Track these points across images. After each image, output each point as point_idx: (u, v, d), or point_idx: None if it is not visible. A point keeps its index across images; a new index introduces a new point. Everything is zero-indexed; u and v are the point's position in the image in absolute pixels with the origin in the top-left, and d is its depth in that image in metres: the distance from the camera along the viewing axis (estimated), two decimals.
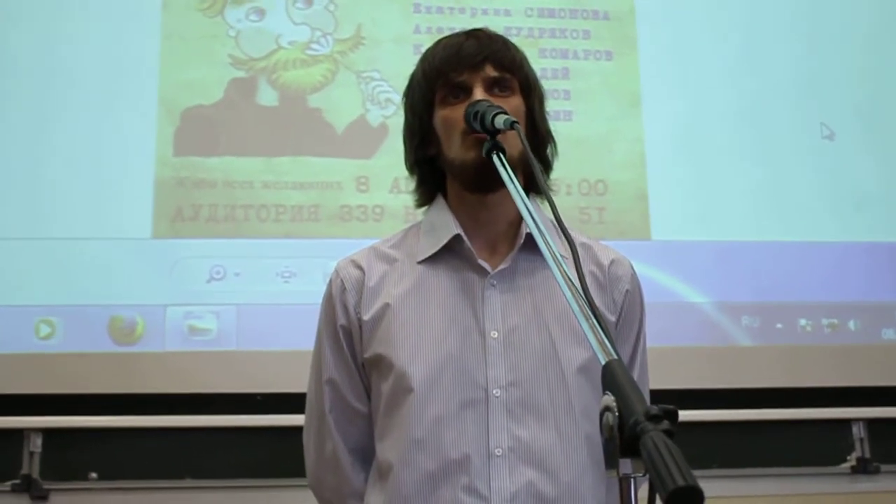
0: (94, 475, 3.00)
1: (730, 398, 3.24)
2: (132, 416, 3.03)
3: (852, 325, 3.38)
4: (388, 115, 3.31)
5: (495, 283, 1.66)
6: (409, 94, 1.79)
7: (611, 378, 1.00)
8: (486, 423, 1.58)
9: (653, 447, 0.86)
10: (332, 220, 3.22)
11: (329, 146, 3.29)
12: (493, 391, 1.59)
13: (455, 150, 1.66)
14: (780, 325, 3.34)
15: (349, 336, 1.71)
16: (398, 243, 1.78)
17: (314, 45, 3.38)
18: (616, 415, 0.96)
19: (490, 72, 1.68)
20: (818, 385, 3.30)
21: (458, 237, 1.68)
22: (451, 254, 1.70)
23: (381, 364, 1.66)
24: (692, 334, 3.28)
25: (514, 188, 1.47)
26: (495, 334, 1.62)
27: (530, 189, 1.71)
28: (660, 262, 3.30)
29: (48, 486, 2.99)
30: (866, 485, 3.29)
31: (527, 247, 1.66)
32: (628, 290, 1.75)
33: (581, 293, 1.19)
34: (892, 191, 3.52)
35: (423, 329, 1.64)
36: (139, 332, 3.08)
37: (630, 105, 3.46)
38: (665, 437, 0.87)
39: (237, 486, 3.05)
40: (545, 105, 1.80)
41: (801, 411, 3.27)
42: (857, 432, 3.32)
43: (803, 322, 3.36)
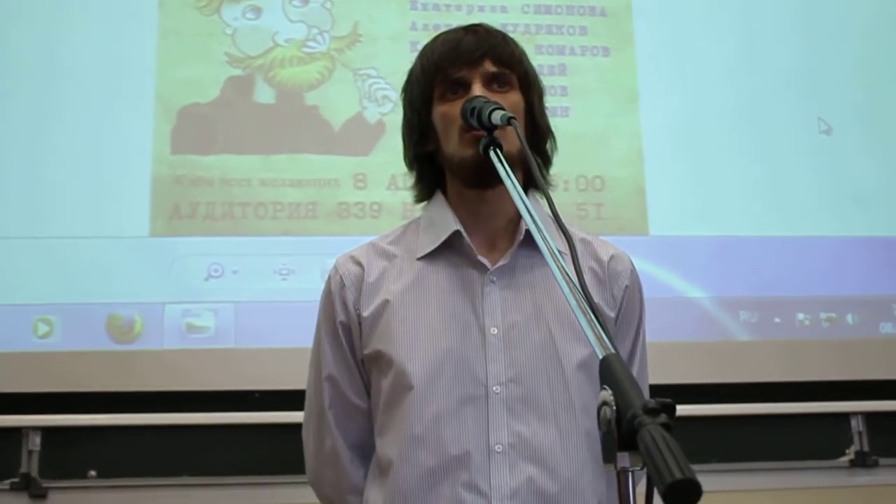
0: (93, 473, 3.00)
1: (728, 393, 3.24)
2: (131, 413, 3.02)
3: (850, 319, 3.38)
4: (385, 113, 3.30)
5: (495, 279, 1.66)
6: (407, 89, 1.78)
7: (608, 372, 1.01)
8: (486, 420, 1.58)
9: (650, 441, 0.86)
10: (329, 217, 3.22)
11: (326, 143, 3.29)
12: (493, 387, 1.59)
13: (453, 147, 1.66)
14: (778, 320, 3.34)
15: (348, 332, 1.71)
16: (397, 239, 1.78)
17: (311, 43, 3.37)
18: (614, 409, 0.96)
19: (489, 67, 1.68)
20: (816, 379, 3.30)
21: (457, 233, 1.68)
22: (450, 250, 1.70)
23: (380, 360, 1.66)
24: (690, 329, 3.28)
25: (512, 185, 1.47)
26: (495, 331, 1.62)
27: (529, 185, 1.71)
28: (658, 257, 3.30)
29: (47, 484, 2.98)
30: (865, 478, 3.29)
31: (526, 243, 1.66)
32: (628, 286, 1.75)
33: (579, 289, 1.19)
34: (890, 185, 3.52)
35: (422, 325, 1.64)
36: (137, 331, 3.08)
37: (627, 101, 3.46)
38: (663, 431, 0.87)
39: (236, 483, 3.04)
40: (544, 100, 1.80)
41: (800, 405, 3.27)
42: (856, 426, 3.32)
43: (801, 316, 3.36)
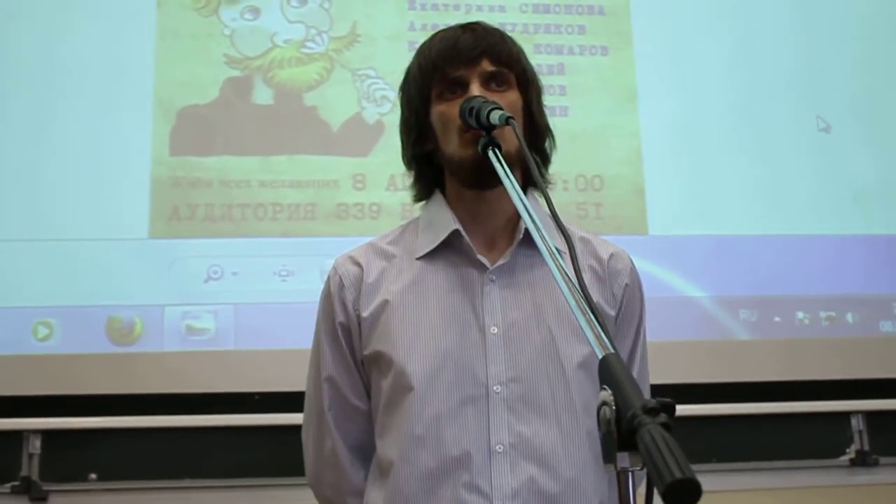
0: (94, 476, 3.00)
1: (728, 392, 3.24)
2: (131, 416, 3.02)
3: (850, 317, 3.38)
4: (384, 113, 3.30)
5: (494, 278, 1.65)
6: (405, 88, 1.78)
7: (608, 372, 1.00)
8: (486, 420, 1.57)
9: (650, 440, 0.85)
10: (329, 218, 3.22)
11: (325, 144, 3.29)
12: (494, 387, 1.58)
13: (452, 147, 1.65)
14: (777, 319, 3.34)
15: (348, 333, 1.71)
16: (396, 239, 1.77)
17: (309, 44, 3.37)
18: (613, 409, 0.95)
19: (487, 66, 1.67)
20: (816, 378, 3.30)
21: (456, 233, 1.67)
22: (449, 249, 1.69)
23: (380, 361, 1.66)
24: (690, 328, 3.28)
25: (511, 184, 1.46)
26: (495, 330, 1.62)
27: (528, 184, 1.71)
28: (657, 256, 3.30)
29: (48, 487, 2.98)
30: (865, 477, 3.29)
31: (526, 242, 1.65)
32: (627, 285, 1.75)
33: (578, 288, 1.18)
34: (889, 183, 3.52)
35: (422, 325, 1.63)
36: (137, 333, 3.08)
37: (626, 100, 3.46)
38: (662, 431, 0.87)
39: (237, 485, 3.04)
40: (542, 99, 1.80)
41: (800, 404, 3.27)
42: (856, 425, 3.32)
43: (801, 315, 3.36)
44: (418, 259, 1.70)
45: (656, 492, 0.83)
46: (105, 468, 3.01)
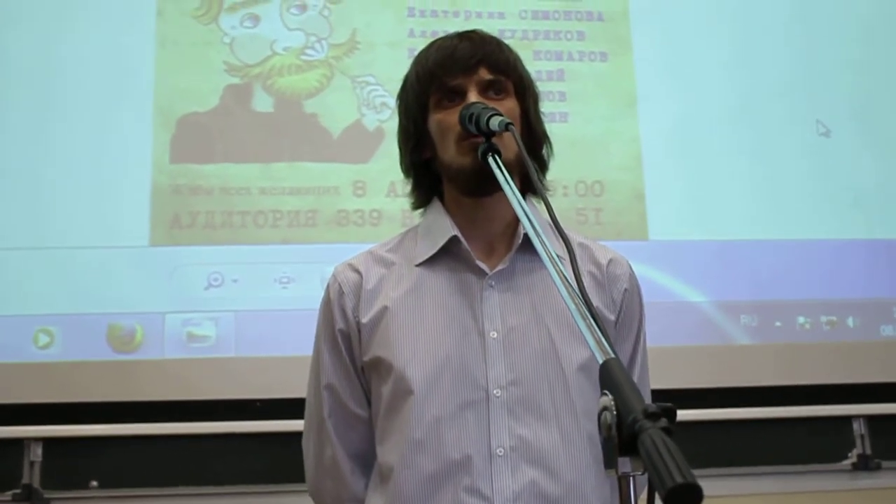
0: (95, 483, 3.00)
1: (730, 397, 3.24)
2: (132, 423, 3.03)
3: (851, 322, 3.38)
4: (384, 120, 3.31)
5: (494, 283, 1.65)
6: (402, 96, 1.78)
7: (608, 377, 1.00)
8: (487, 424, 1.57)
9: (651, 445, 0.86)
10: (329, 225, 3.23)
11: (325, 151, 3.29)
12: (494, 391, 1.58)
13: (451, 155, 1.65)
14: (778, 323, 3.34)
15: (348, 340, 1.71)
16: (395, 247, 1.78)
17: (309, 51, 3.38)
18: (614, 413, 0.95)
19: (484, 74, 1.67)
20: (818, 382, 3.31)
21: (455, 239, 1.67)
22: (448, 256, 1.69)
23: (380, 367, 1.66)
24: (691, 334, 3.28)
25: (511, 190, 1.46)
26: (494, 334, 1.62)
27: (527, 190, 1.71)
28: (658, 262, 3.30)
29: (49, 495, 2.98)
30: (867, 481, 3.29)
31: (525, 247, 1.66)
32: (627, 290, 1.75)
33: (578, 293, 1.18)
34: (889, 187, 3.53)
35: (421, 331, 1.63)
36: (138, 340, 3.08)
37: (626, 105, 3.46)
38: (663, 435, 0.87)
39: (238, 492, 3.04)
40: (540, 106, 1.80)
41: (801, 409, 3.27)
42: (858, 429, 3.32)
43: (802, 320, 3.36)
44: (417, 266, 1.70)
45: (658, 496, 0.83)
46: (106, 475, 3.01)
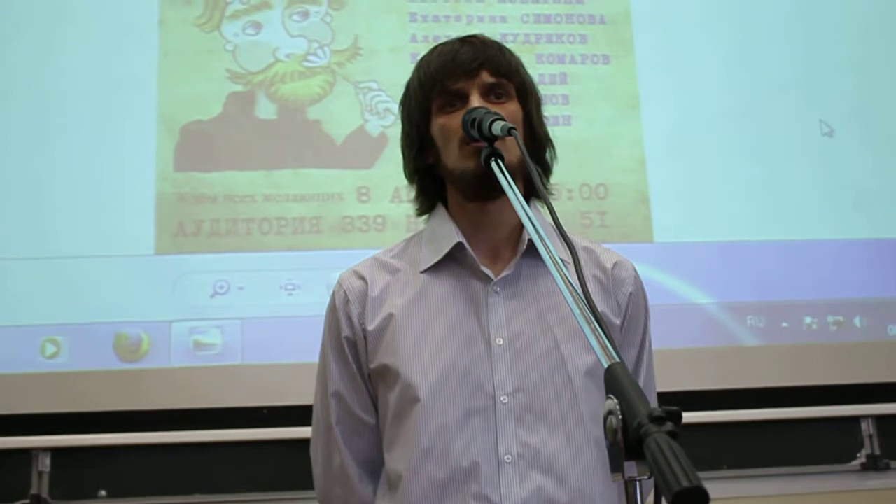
0: (104, 493, 3.00)
1: (737, 398, 3.23)
2: (140, 433, 3.02)
3: (858, 321, 3.38)
4: (388, 125, 3.31)
5: (499, 289, 1.65)
6: (405, 102, 1.78)
7: (613, 381, 1.00)
8: (494, 430, 1.57)
9: (657, 449, 0.86)
10: (334, 231, 3.23)
11: (329, 157, 3.29)
12: (501, 398, 1.58)
13: (454, 159, 1.65)
14: (785, 324, 3.34)
15: (354, 347, 1.71)
16: (400, 253, 1.78)
17: (311, 57, 3.38)
18: (620, 418, 0.95)
19: (486, 78, 1.67)
20: (825, 383, 3.30)
21: (459, 245, 1.67)
22: (453, 262, 1.69)
23: (387, 374, 1.66)
24: (697, 335, 3.28)
25: (514, 195, 1.46)
26: (501, 341, 1.62)
27: (531, 194, 1.71)
28: (663, 264, 3.29)
29: None
30: (876, 482, 3.28)
31: (529, 253, 1.66)
32: (632, 293, 1.75)
33: (583, 298, 1.18)
34: (893, 186, 3.52)
35: (427, 338, 1.63)
36: (145, 349, 3.08)
37: (629, 108, 3.46)
38: (669, 439, 0.87)
39: (246, 500, 3.04)
40: (543, 109, 1.80)
41: (809, 409, 3.26)
42: (866, 429, 3.31)
43: (808, 320, 3.35)
44: (422, 272, 1.70)
45: (664, 500, 0.83)
46: (114, 485, 3.01)
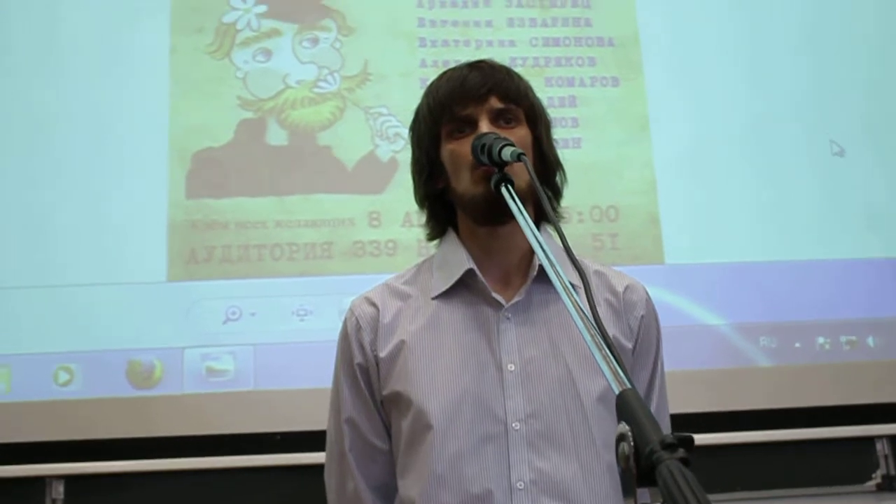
0: None
1: (751, 419, 3.22)
2: (153, 459, 3.03)
3: (871, 341, 3.37)
4: (398, 150, 3.32)
5: (510, 315, 1.65)
6: (414, 128, 1.79)
7: (625, 407, 1.00)
8: (506, 457, 1.57)
9: (668, 476, 0.86)
10: (345, 256, 3.23)
11: (340, 183, 3.31)
12: (513, 424, 1.58)
13: (464, 185, 1.66)
14: (798, 345, 3.33)
15: (366, 374, 1.71)
16: (411, 279, 1.78)
17: (321, 83, 3.40)
18: (632, 444, 0.95)
19: (495, 103, 1.67)
20: (839, 403, 3.28)
21: (470, 271, 1.68)
22: (464, 288, 1.69)
23: (399, 401, 1.65)
24: (710, 357, 3.27)
25: (524, 220, 1.46)
26: (512, 367, 1.61)
27: (541, 219, 1.71)
28: (675, 285, 3.29)
29: None
30: (892, 502, 3.26)
31: (540, 278, 1.65)
32: (643, 316, 1.74)
33: (594, 323, 1.18)
34: None
35: (439, 364, 1.63)
36: (157, 376, 3.09)
37: (639, 130, 3.47)
38: (681, 466, 0.87)
39: None
40: (552, 133, 1.80)
41: (823, 430, 3.25)
42: (881, 449, 3.30)
43: (821, 340, 3.34)
44: (434, 298, 1.70)
45: None
46: None
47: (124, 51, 3.35)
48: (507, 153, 1.53)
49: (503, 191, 1.55)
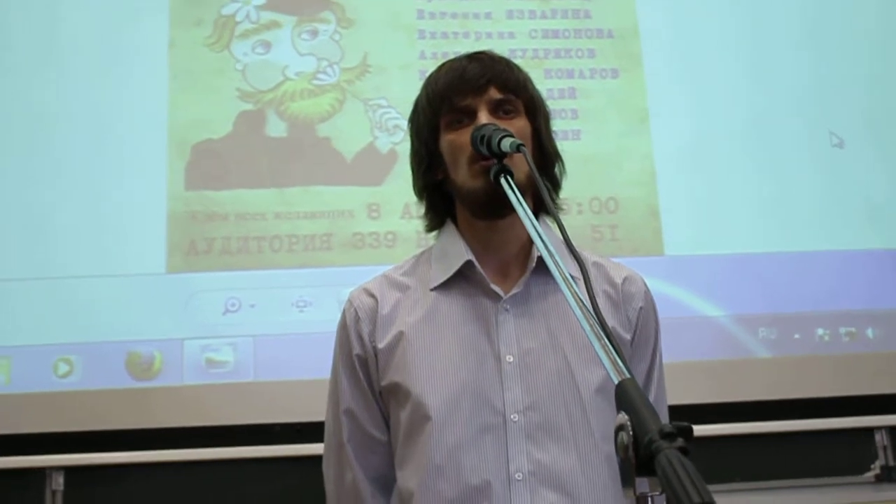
0: None
1: (750, 410, 3.23)
2: (153, 450, 3.03)
3: (870, 332, 3.37)
4: (397, 142, 3.32)
5: (509, 307, 1.65)
6: (413, 119, 1.78)
7: (624, 397, 1.00)
8: (505, 448, 1.57)
9: (668, 465, 0.86)
10: (344, 248, 3.23)
11: (339, 174, 3.31)
12: (511, 415, 1.58)
13: (463, 176, 1.65)
14: (797, 336, 3.33)
15: (365, 365, 1.71)
16: (410, 270, 1.77)
17: (321, 75, 3.40)
18: (630, 434, 0.95)
19: (494, 94, 1.67)
20: (838, 394, 3.29)
21: (469, 263, 1.67)
22: (463, 279, 1.69)
23: (398, 392, 1.66)
24: (709, 348, 3.28)
25: (523, 211, 1.46)
26: (511, 358, 1.61)
27: (540, 210, 1.71)
28: (674, 277, 3.29)
29: None
30: (891, 493, 3.26)
31: (539, 269, 1.65)
32: (642, 307, 1.74)
33: (593, 314, 1.18)
34: None
35: (438, 356, 1.63)
36: (157, 367, 3.09)
37: (638, 121, 3.47)
38: (680, 455, 0.87)
39: None
40: (552, 124, 1.80)
41: (823, 421, 3.25)
42: (880, 440, 3.30)
43: (821, 332, 3.35)
44: (432, 290, 1.70)
45: None
46: (128, 503, 3.02)
47: (124, 46, 3.35)
48: (506, 144, 1.53)
49: (502, 182, 1.54)
